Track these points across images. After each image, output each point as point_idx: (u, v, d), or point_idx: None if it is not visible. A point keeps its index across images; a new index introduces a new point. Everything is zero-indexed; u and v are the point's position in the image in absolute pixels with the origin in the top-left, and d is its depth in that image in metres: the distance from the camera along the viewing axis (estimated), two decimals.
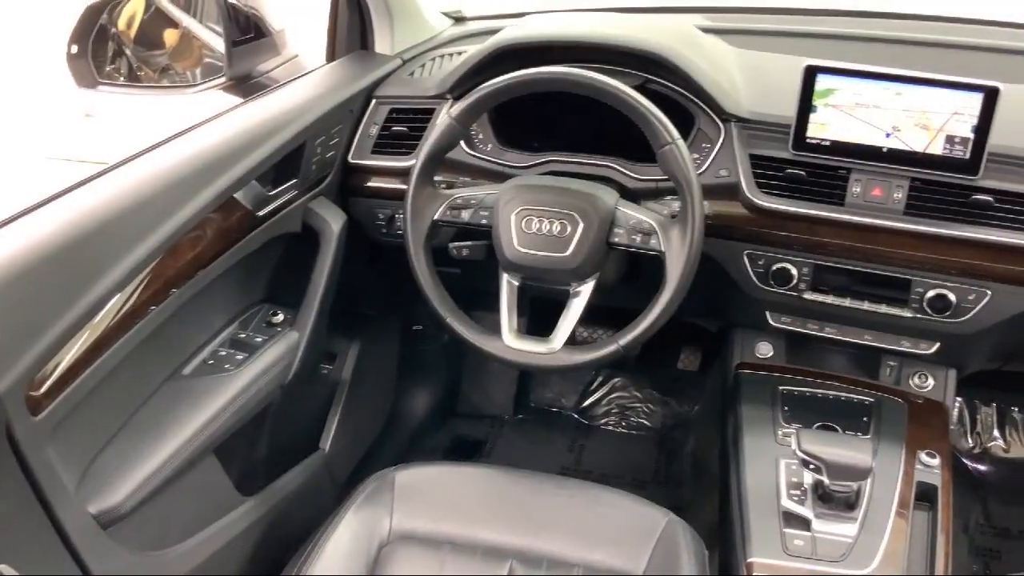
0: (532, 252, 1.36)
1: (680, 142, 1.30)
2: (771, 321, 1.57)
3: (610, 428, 2.33)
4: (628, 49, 1.50)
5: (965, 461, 2.18)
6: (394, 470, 1.39)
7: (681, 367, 2.33)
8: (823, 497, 1.28)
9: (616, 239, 1.35)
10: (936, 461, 1.37)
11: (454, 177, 1.60)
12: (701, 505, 1.82)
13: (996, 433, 2.20)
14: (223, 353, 1.43)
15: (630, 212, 1.36)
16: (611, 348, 1.34)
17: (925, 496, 1.33)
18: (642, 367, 2.34)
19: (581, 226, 1.34)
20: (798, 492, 1.30)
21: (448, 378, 2.37)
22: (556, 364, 1.36)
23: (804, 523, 1.26)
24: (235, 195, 1.37)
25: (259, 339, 1.47)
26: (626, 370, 2.36)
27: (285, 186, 1.50)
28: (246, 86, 1.68)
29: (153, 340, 1.26)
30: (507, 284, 1.41)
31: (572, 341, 1.38)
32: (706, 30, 1.72)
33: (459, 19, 1.99)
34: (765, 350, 1.62)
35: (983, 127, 1.32)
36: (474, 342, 1.40)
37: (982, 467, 2.18)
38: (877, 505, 1.29)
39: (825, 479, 1.25)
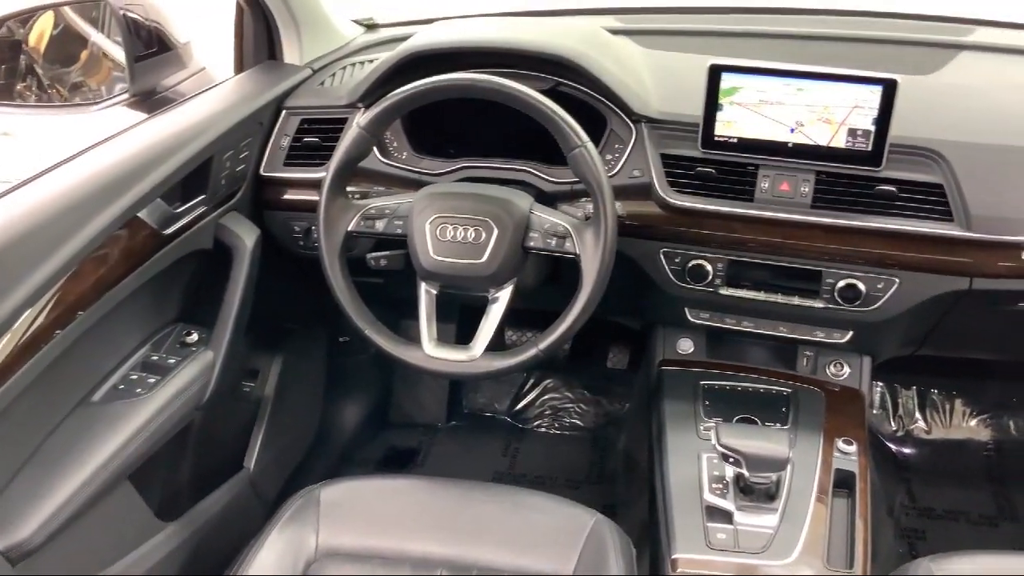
0: (448, 260, 1.35)
1: (589, 145, 1.31)
2: (690, 318, 1.59)
3: (544, 430, 2.34)
4: (536, 53, 1.50)
5: (889, 444, 2.24)
6: (320, 486, 1.37)
7: (611, 366, 2.35)
8: (744, 489, 1.30)
9: (531, 243, 1.36)
10: (853, 448, 1.40)
11: (369, 187, 1.58)
12: (634, 502, 1.84)
13: (918, 416, 2.26)
14: (134, 377, 1.39)
15: (545, 216, 1.36)
16: (531, 352, 1.34)
17: (844, 483, 1.36)
18: (573, 368, 2.35)
19: (496, 232, 1.33)
20: (720, 486, 1.32)
21: (379, 389, 2.35)
22: (477, 371, 1.36)
23: (726, 516, 1.28)
24: (139, 214, 1.33)
25: (172, 360, 1.43)
26: (557, 371, 2.36)
27: (193, 203, 1.47)
28: (151, 101, 1.64)
29: (60, 366, 1.22)
30: (425, 293, 1.40)
31: (501, 346, 1.38)
32: (615, 31, 1.74)
33: (371, 26, 1.97)
34: (686, 346, 1.64)
35: (883, 119, 1.36)
36: (393, 353, 1.39)
37: (906, 450, 2.24)
38: (797, 495, 1.31)
39: (745, 472, 1.27)
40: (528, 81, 1.45)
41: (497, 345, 1.37)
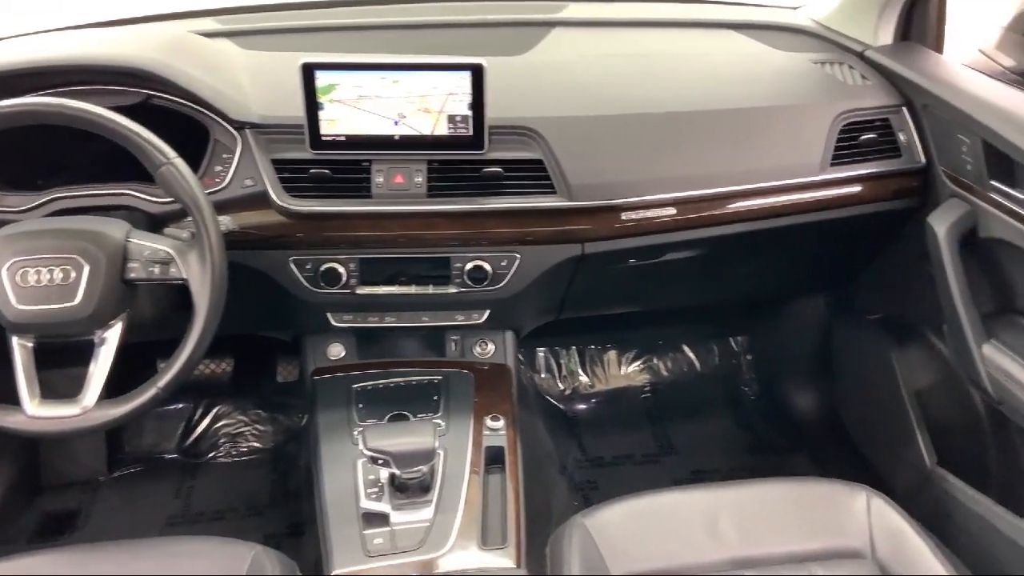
0: (36, 308, 1.20)
1: (177, 161, 1.22)
2: (334, 322, 1.56)
3: (221, 460, 2.20)
4: (104, 67, 1.37)
5: (559, 405, 2.36)
6: None
7: (281, 379, 2.26)
8: (399, 488, 1.29)
9: (132, 275, 1.24)
10: (501, 423, 1.44)
11: None
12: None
13: (580, 373, 2.40)
14: None
15: (144, 243, 1.25)
16: (151, 394, 1.23)
17: (495, 459, 1.39)
18: (241, 388, 2.24)
19: (87, 268, 1.20)
20: (376, 489, 1.30)
21: (24, 450, 2.08)
22: (90, 424, 1.22)
23: (383, 519, 1.26)
24: None
25: None
26: (225, 395, 2.24)
27: None
28: None
29: None
30: (19, 348, 1.24)
31: (124, 389, 1.25)
32: (212, 34, 1.65)
33: None
34: (337, 351, 1.61)
35: (478, 104, 1.39)
36: None
37: (575, 406, 2.37)
38: (450, 481, 1.32)
39: (396, 470, 1.26)
40: (115, 97, 1.34)
41: (110, 392, 1.24)
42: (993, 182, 1.44)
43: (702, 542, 1.29)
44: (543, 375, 2.38)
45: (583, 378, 2.41)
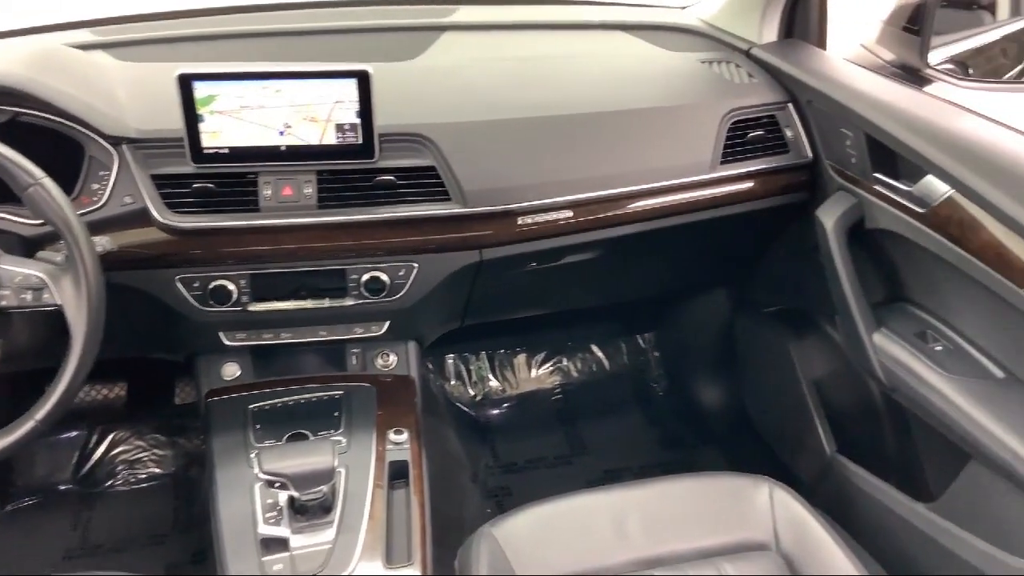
0: None
1: (45, 181, 1.15)
2: (226, 341, 1.51)
3: (119, 488, 2.11)
4: None
5: (470, 412, 2.34)
6: None
7: (179, 401, 2.18)
8: (299, 510, 1.25)
9: (4, 302, 1.17)
10: (404, 436, 1.41)
11: None
12: None
13: (490, 378, 2.39)
14: None
15: (14, 268, 1.19)
16: (28, 427, 1.17)
17: (400, 474, 1.36)
18: (137, 413, 2.15)
19: None
20: (275, 513, 1.25)
21: None
22: None
23: (282, 544, 1.21)
24: None
25: None
26: (120, 421, 2.15)
27: None
28: None
29: None
30: None
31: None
32: (88, 46, 1.57)
33: None
34: (231, 371, 1.55)
35: (366, 111, 1.36)
36: None
37: (487, 412, 2.35)
38: (352, 500, 1.29)
39: (295, 492, 1.21)
40: None
41: None
42: (876, 174, 1.47)
43: (610, 544, 1.28)
44: (453, 382, 2.36)
45: (493, 383, 2.39)
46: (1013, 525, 1.30)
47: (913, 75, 1.60)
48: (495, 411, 2.37)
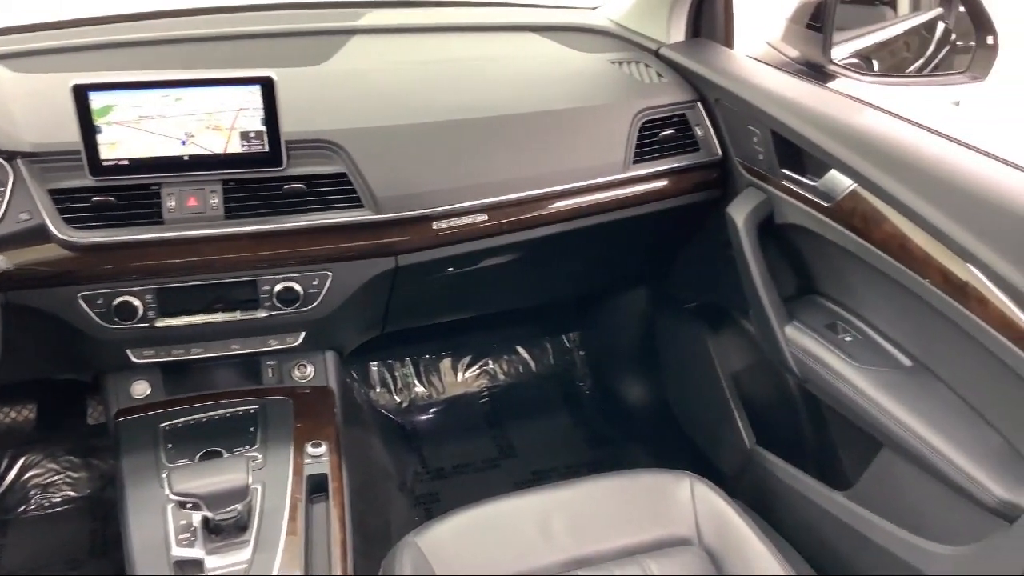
0: None
1: None
2: (135, 358, 1.46)
3: (33, 513, 2.03)
4: None
5: (396, 419, 2.31)
6: None
7: (92, 421, 2.10)
8: (214, 530, 1.21)
9: None
10: (323, 449, 1.38)
11: None
12: None
13: (416, 384, 2.37)
14: None
15: None
16: None
17: (319, 487, 1.34)
18: (48, 434, 2.07)
19: None
20: (188, 535, 1.22)
21: None
22: None
23: (197, 566, 1.18)
24: None
25: None
26: (31, 443, 2.07)
27: None
28: None
29: None
30: None
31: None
32: None
33: None
34: (141, 389, 1.50)
35: (271, 118, 1.33)
36: None
37: (413, 418, 2.33)
38: (269, 517, 1.26)
39: (208, 512, 1.18)
40: None
41: None
42: (784, 170, 1.50)
43: (536, 545, 1.28)
44: (378, 389, 2.34)
45: (419, 389, 2.37)
46: (924, 509, 1.33)
47: (817, 71, 1.64)
48: (422, 417, 2.35)
